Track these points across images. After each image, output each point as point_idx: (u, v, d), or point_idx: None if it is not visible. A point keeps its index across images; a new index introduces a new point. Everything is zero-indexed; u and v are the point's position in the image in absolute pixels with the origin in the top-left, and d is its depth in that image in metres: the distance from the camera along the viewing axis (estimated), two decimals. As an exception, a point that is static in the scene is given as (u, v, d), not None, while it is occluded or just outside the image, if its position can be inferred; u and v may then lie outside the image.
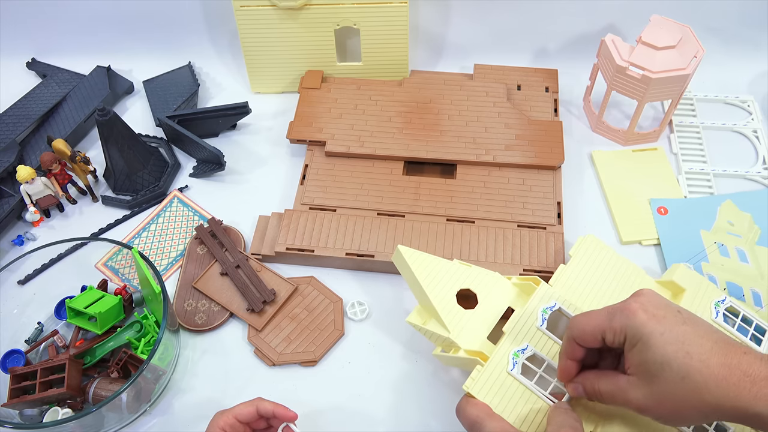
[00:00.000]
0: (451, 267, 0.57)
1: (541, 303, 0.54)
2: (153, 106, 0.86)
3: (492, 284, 0.58)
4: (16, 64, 0.93)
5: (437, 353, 0.56)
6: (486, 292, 0.57)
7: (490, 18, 0.87)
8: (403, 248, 0.57)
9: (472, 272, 0.58)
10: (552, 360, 0.52)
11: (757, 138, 0.81)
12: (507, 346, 0.52)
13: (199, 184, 0.79)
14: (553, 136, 0.76)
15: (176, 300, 0.68)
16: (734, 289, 0.65)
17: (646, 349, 0.43)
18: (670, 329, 0.43)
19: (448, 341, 0.54)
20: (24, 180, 0.73)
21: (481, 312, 0.56)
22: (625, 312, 0.45)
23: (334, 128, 0.78)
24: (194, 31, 0.91)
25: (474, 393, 0.49)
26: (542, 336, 0.53)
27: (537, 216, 0.70)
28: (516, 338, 0.52)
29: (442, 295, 0.55)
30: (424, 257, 0.57)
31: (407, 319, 0.58)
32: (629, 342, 0.44)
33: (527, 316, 0.54)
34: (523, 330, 0.53)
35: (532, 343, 0.52)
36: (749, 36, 0.87)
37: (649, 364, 0.43)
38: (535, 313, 0.54)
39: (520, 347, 0.52)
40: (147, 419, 0.61)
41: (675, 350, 0.42)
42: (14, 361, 0.63)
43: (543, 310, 0.54)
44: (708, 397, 0.41)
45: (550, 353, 0.52)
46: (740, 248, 0.68)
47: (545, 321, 0.53)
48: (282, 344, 0.64)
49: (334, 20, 0.81)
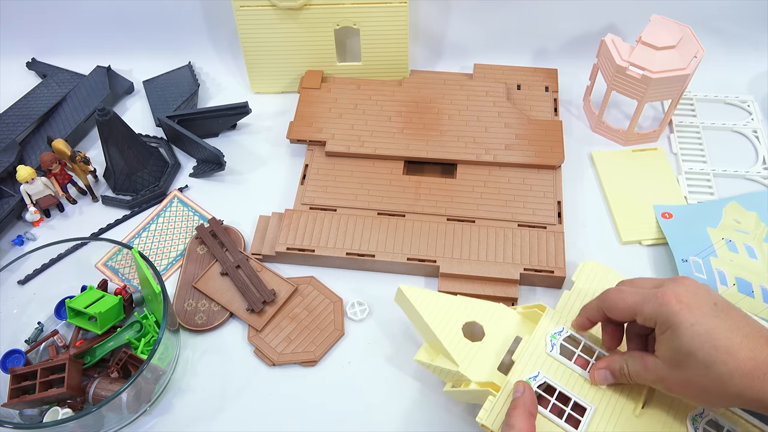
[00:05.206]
0: (455, 301, 0.57)
1: (549, 328, 0.54)
2: (153, 106, 0.86)
3: (497, 315, 0.57)
4: (16, 64, 0.93)
5: (448, 390, 0.56)
6: (492, 323, 0.56)
7: (490, 18, 0.87)
8: (405, 287, 0.57)
9: (476, 305, 0.57)
10: (565, 387, 0.51)
11: (757, 138, 0.81)
12: (518, 374, 0.51)
13: (199, 184, 0.79)
14: (553, 135, 0.76)
15: (176, 300, 0.68)
16: (744, 285, 0.64)
17: (674, 337, 0.44)
18: (700, 321, 0.43)
19: (458, 375, 0.53)
20: (24, 180, 0.73)
21: (489, 343, 0.55)
22: (659, 299, 0.45)
23: (334, 128, 0.78)
24: (194, 31, 0.91)
25: (488, 425, 0.49)
26: (553, 362, 0.52)
27: (537, 215, 0.70)
28: (527, 366, 0.52)
29: (447, 330, 0.55)
30: (426, 294, 0.57)
31: (415, 358, 0.57)
32: (659, 328, 0.45)
33: (536, 342, 0.53)
34: (533, 357, 0.52)
35: (543, 370, 0.52)
36: (749, 36, 0.87)
37: (676, 351, 0.44)
38: (544, 339, 0.53)
39: (532, 374, 0.51)
40: (147, 419, 0.61)
41: (702, 342, 0.43)
42: (14, 361, 0.63)
43: (551, 336, 0.54)
44: (732, 387, 0.42)
45: (561, 379, 0.51)
46: (749, 244, 0.67)
47: (554, 346, 0.53)
48: (282, 344, 0.64)
49: (334, 20, 0.81)
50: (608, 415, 0.49)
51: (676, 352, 0.44)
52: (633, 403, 0.50)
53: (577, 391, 0.50)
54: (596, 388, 0.51)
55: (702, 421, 0.49)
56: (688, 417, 0.50)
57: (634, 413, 0.50)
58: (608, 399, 0.50)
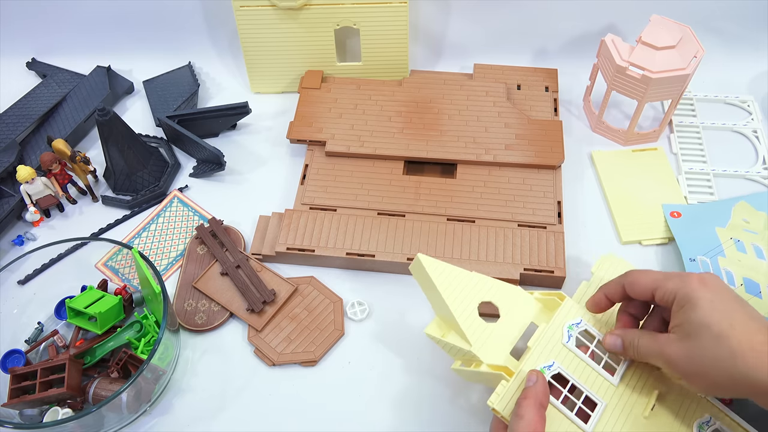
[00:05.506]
0: (473, 278, 0.55)
1: (567, 319, 0.53)
2: (153, 106, 0.86)
3: (514, 298, 0.56)
4: (16, 64, 0.93)
5: (456, 367, 0.54)
6: (508, 305, 0.55)
7: (490, 18, 0.87)
8: (423, 257, 0.54)
9: (494, 285, 0.56)
10: (578, 380, 0.50)
11: (757, 138, 0.81)
12: (533, 362, 0.50)
13: (199, 184, 0.79)
14: (553, 135, 0.76)
15: (176, 300, 0.68)
16: (751, 286, 0.64)
17: (691, 309, 0.44)
18: (720, 299, 0.43)
19: (469, 355, 0.52)
20: (24, 180, 0.73)
21: (504, 326, 0.54)
22: (682, 277, 0.46)
23: (334, 128, 0.78)
24: (194, 31, 0.91)
25: (499, 409, 0.48)
26: (568, 353, 0.51)
27: (537, 215, 0.70)
28: (542, 354, 0.51)
29: (463, 307, 0.53)
30: (444, 267, 0.55)
31: (425, 331, 0.56)
32: (677, 303, 0.45)
33: (552, 331, 0.52)
34: (549, 346, 0.51)
35: (558, 360, 0.50)
36: (749, 36, 0.87)
37: (691, 323, 0.44)
38: (561, 329, 0.52)
39: (546, 363, 0.50)
40: (147, 419, 0.61)
41: (720, 318, 0.42)
42: (14, 361, 0.63)
43: (569, 327, 0.52)
44: (741, 365, 0.41)
45: (576, 372, 0.50)
46: (757, 245, 0.67)
47: (571, 337, 0.52)
48: (282, 344, 0.64)
49: (334, 20, 0.81)
50: (618, 413, 0.49)
51: (690, 323, 0.44)
52: (643, 404, 0.50)
53: (589, 386, 0.50)
54: (608, 386, 0.50)
55: (708, 429, 0.49)
56: (695, 423, 0.49)
57: (643, 414, 0.49)
58: (619, 397, 0.50)
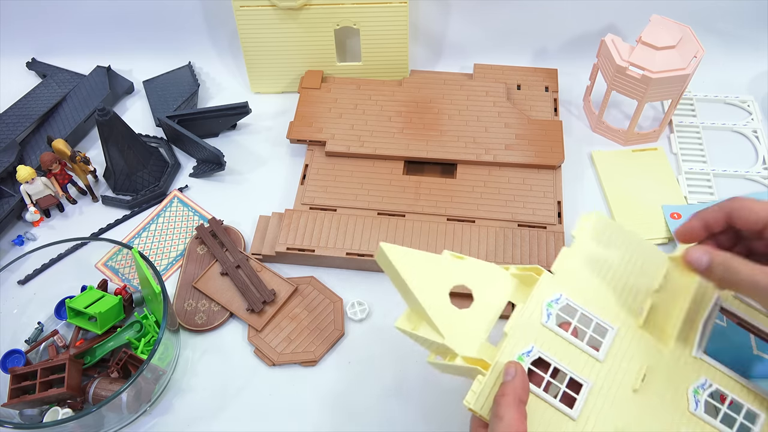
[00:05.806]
0: (441, 262, 0.50)
1: (545, 295, 0.47)
2: (153, 106, 0.86)
3: (488, 277, 0.50)
4: (16, 64, 0.93)
5: (431, 361, 0.50)
6: (482, 286, 0.49)
7: (490, 18, 0.87)
8: (386, 245, 0.48)
9: (466, 265, 0.50)
10: (560, 362, 0.45)
11: (757, 138, 0.81)
12: (509, 350, 0.45)
13: (199, 184, 0.79)
14: (553, 135, 0.76)
15: (176, 300, 0.68)
16: None
17: None
18: None
19: (442, 347, 0.47)
20: (24, 180, 0.73)
21: (478, 310, 0.48)
22: None
23: (334, 128, 0.78)
24: (194, 31, 0.91)
25: (476, 409, 0.43)
26: (548, 333, 0.46)
27: (537, 215, 0.70)
28: (520, 339, 0.46)
29: (432, 295, 0.48)
30: (410, 253, 0.49)
31: (395, 324, 0.49)
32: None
33: (530, 312, 0.47)
34: (527, 329, 0.46)
35: (538, 344, 0.46)
36: (749, 36, 0.87)
37: None
38: (539, 307, 0.47)
39: (525, 349, 0.45)
40: (147, 419, 0.61)
41: None
42: (14, 361, 0.63)
43: (548, 304, 0.47)
44: None
45: (558, 353, 0.45)
46: None
47: (551, 316, 0.47)
48: (282, 344, 0.64)
49: (334, 20, 0.81)
50: (605, 392, 0.45)
51: None
52: (632, 377, 0.46)
53: (573, 367, 0.45)
54: (593, 363, 0.46)
55: (704, 392, 0.46)
56: (690, 389, 0.46)
57: (633, 388, 0.45)
58: (605, 374, 0.46)
